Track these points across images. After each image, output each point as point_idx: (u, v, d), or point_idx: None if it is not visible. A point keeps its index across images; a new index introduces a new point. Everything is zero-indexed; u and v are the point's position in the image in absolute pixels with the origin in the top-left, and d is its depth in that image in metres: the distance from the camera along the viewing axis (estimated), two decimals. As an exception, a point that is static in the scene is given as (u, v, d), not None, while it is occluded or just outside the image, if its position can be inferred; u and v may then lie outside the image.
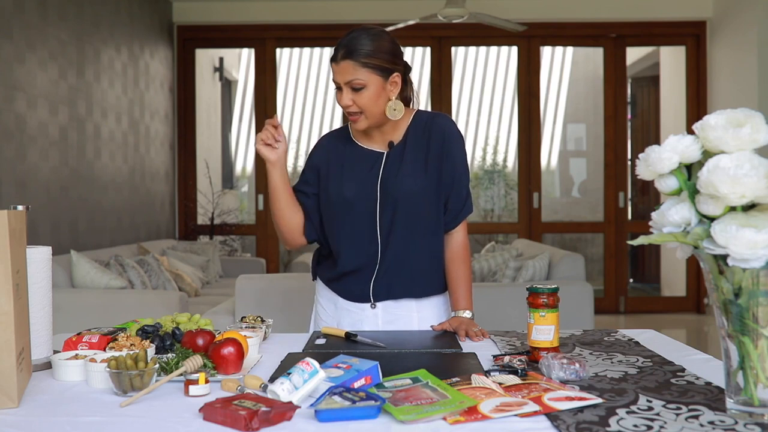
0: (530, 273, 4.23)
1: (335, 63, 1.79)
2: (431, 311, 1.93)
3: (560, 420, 1.07)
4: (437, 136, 1.88)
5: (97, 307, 3.76)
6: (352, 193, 1.86)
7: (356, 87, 1.77)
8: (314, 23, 6.72)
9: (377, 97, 1.79)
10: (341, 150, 1.93)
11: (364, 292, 1.90)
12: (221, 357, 1.33)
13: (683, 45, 6.84)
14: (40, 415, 1.15)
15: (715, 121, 1.03)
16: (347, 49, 1.77)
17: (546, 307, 1.47)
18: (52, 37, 4.41)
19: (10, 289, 1.19)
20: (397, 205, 1.85)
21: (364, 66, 1.76)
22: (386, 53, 1.79)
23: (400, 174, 1.85)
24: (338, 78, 1.79)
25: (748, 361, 1.03)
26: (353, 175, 1.88)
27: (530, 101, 6.86)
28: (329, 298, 1.98)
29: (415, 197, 1.85)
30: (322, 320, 2.01)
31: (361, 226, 1.87)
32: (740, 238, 0.97)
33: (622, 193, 6.83)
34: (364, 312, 1.91)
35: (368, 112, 1.80)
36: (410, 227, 1.86)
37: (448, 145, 1.88)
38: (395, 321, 1.90)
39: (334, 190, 1.89)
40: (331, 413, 1.08)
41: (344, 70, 1.77)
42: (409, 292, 1.90)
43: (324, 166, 1.93)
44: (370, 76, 1.77)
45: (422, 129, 1.90)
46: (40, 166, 4.24)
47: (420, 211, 1.86)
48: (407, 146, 1.89)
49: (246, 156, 10.19)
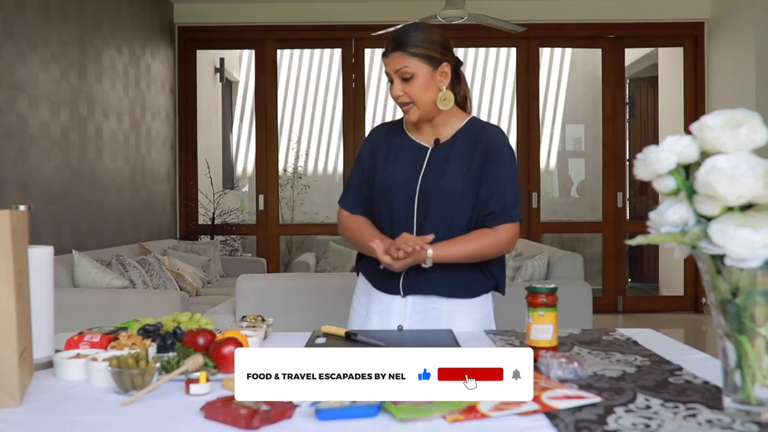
0: (529, 272, 4.23)
1: (385, 57, 1.86)
2: (461, 308, 1.91)
3: (559, 419, 1.08)
4: (485, 144, 1.89)
5: (99, 307, 3.77)
6: (393, 181, 1.90)
7: (405, 76, 1.83)
8: (315, 24, 6.72)
9: (427, 87, 1.84)
10: (392, 138, 1.99)
11: (395, 282, 1.91)
12: (222, 356, 1.33)
13: (681, 46, 6.84)
14: (42, 413, 1.16)
15: (712, 121, 1.03)
16: (396, 42, 1.84)
17: (545, 306, 1.48)
18: (53, 37, 4.41)
19: (12, 289, 1.19)
20: (432, 200, 1.87)
21: (412, 56, 1.83)
22: (434, 43, 1.85)
23: (442, 172, 1.88)
24: (388, 68, 1.86)
25: (746, 360, 1.03)
26: (397, 164, 1.93)
27: (529, 102, 6.86)
28: (364, 287, 2.02)
29: (451, 196, 1.86)
30: (355, 311, 2.04)
31: (399, 215, 1.90)
32: (738, 238, 0.97)
33: (620, 193, 6.83)
34: (394, 302, 1.92)
35: (418, 101, 1.85)
36: (444, 225, 1.86)
37: (494, 154, 1.87)
38: (423, 312, 1.90)
39: (379, 176, 1.94)
40: (331, 412, 1.09)
41: (393, 60, 1.84)
42: (439, 290, 1.89)
43: (374, 154, 1.99)
44: (418, 65, 1.83)
45: (474, 135, 1.91)
46: (41, 166, 4.24)
47: (454, 211, 1.87)
48: (455, 147, 1.91)
49: (246, 156, 10.20)
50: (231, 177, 9.78)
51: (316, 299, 3.60)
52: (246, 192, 10.12)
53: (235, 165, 10.12)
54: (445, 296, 1.90)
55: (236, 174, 10.07)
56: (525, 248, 5.03)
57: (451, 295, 1.90)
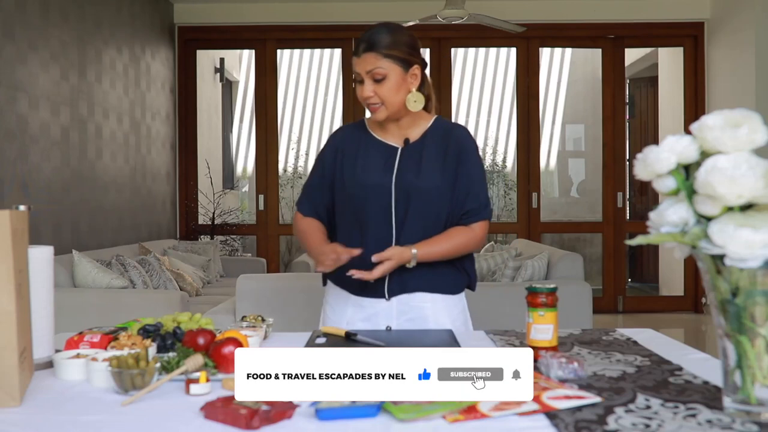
0: (529, 273, 4.23)
1: (357, 57, 1.85)
2: (443, 304, 1.94)
3: (559, 419, 1.08)
4: (455, 145, 1.92)
5: (99, 307, 3.77)
6: (368, 180, 1.90)
7: (377, 77, 1.83)
8: (314, 24, 6.72)
9: (398, 88, 1.85)
10: (357, 139, 1.97)
11: (379, 286, 1.90)
12: (222, 356, 1.33)
13: (681, 46, 6.84)
14: (42, 413, 1.15)
15: (712, 121, 1.03)
16: (369, 42, 1.83)
17: (545, 306, 1.48)
18: (53, 37, 4.41)
19: (12, 289, 1.19)
20: (411, 199, 1.88)
21: (385, 57, 1.83)
22: (406, 45, 1.86)
23: (417, 171, 1.89)
24: (360, 69, 1.84)
25: (746, 360, 1.03)
26: (368, 164, 1.92)
27: (529, 102, 6.86)
28: (338, 295, 1.99)
29: (430, 194, 1.88)
30: (330, 320, 2.01)
31: (376, 216, 1.89)
32: (738, 238, 0.97)
33: (620, 193, 6.83)
34: (379, 305, 1.92)
35: (389, 102, 1.85)
36: (424, 222, 1.88)
37: (465, 155, 1.92)
38: (409, 312, 1.92)
39: (348, 176, 1.92)
40: (332, 412, 1.09)
41: (366, 61, 1.83)
42: (424, 286, 1.91)
43: (340, 154, 1.97)
44: (391, 66, 1.83)
45: (442, 135, 1.94)
46: (42, 166, 4.24)
47: (434, 208, 1.89)
48: (425, 146, 1.92)
49: (246, 156, 10.20)
50: (231, 177, 9.79)
51: (316, 299, 3.59)
52: (246, 192, 10.12)
53: (235, 165, 10.12)
54: (430, 292, 1.92)
55: (236, 174, 10.08)
56: (525, 248, 5.03)
57: (436, 290, 1.93)
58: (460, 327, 1.96)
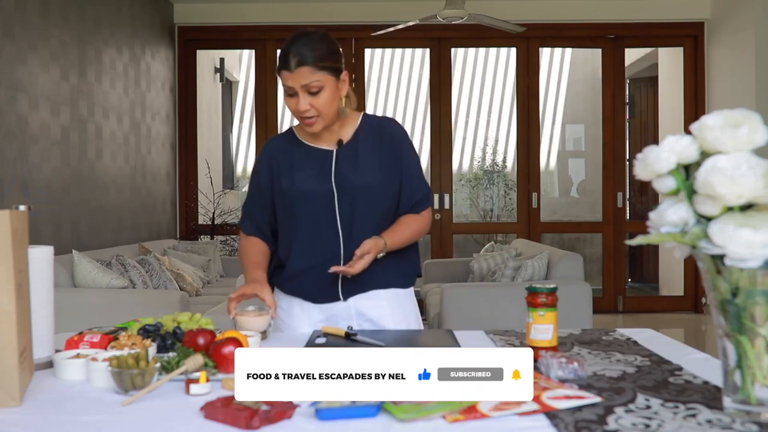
0: (529, 273, 4.24)
1: (288, 71, 1.78)
2: (399, 300, 1.96)
3: (559, 419, 1.08)
4: (388, 139, 1.94)
5: (99, 307, 3.77)
6: (307, 187, 1.88)
7: (313, 90, 1.79)
8: (314, 24, 6.69)
9: (333, 98, 1.83)
10: (288, 150, 1.95)
11: (333, 289, 1.90)
12: (222, 356, 1.33)
13: (681, 46, 6.84)
14: (42, 413, 1.16)
15: (712, 121, 1.03)
16: (301, 56, 1.77)
17: (545, 306, 1.48)
18: (53, 37, 4.41)
19: (12, 289, 1.19)
20: (356, 198, 1.88)
21: (320, 69, 1.78)
22: (334, 53, 1.83)
23: (356, 169, 1.89)
24: (293, 83, 1.79)
25: (746, 360, 1.03)
26: (305, 172, 1.91)
27: (529, 102, 6.86)
28: (290, 302, 1.96)
29: (373, 191, 1.88)
30: (287, 324, 1.97)
31: (320, 221, 1.88)
32: (738, 238, 0.97)
33: (620, 193, 6.83)
34: (336, 307, 1.92)
35: (324, 113, 1.83)
36: (370, 220, 1.88)
37: (401, 148, 1.94)
38: (368, 311, 1.92)
39: (287, 185, 1.90)
40: (332, 412, 1.09)
41: (300, 75, 1.78)
42: (379, 283, 1.92)
43: (275, 164, 1.95)
44: (325, 78, 1.80)
45: (373, 131, 1.95)
46: (41, 166, 4.24)
47: (379, 204, 1.90)
48: (360, 144, 1.93)
49: (246, 156, 10.20)
50: (231, 177, 9.79)
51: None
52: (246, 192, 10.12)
53: (235, 165, 10.12)
54: (385, 288, 1.93)
55: (236, 174, 10.07)
56: (525, 248, 5.03)
57: (391, 285, 1.94)
58: (413, 323, 1.98)
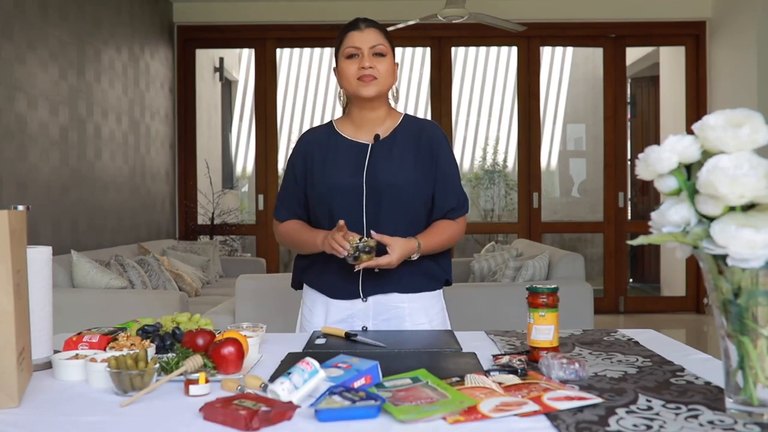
0: (530, 273, 4.23)
1: (359, 30, 1.91)
2: (421, 303, 1.94)
3: (560, 420, 1.07)
4: (426, 140, 1.94)
5: (98, 307, 3.77)
6: (338, 180, 1.88)
7: (378, 52, 1.89)
8: (314, 24, 6.71)
9: (391, 71, 1.92)
10: (325, 141, 1.97)
11: (354, 287, 1.90)
12: (221, 357, 1.33)
13: (683, 45, 6.84)
14: (41, 414, 1.15)
15: (714, 121, 1.03)
16: (370, 21, 1.92)
17: (546, 306, 1.47)
18: (52, 37, 4.41)
19: (11, 289, 1.19)
20: (383, 195, 1.86)
21: (385, 38, 1.91)
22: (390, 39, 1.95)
23: (390, 166, 1.88)
24: (361, 43, 1.89)
25: (748, 360, 1.03)
26: (338, 164, 1.91)
27: (530, 101, 6.86)
28: (315, 299, 1.97)
29: (402, 189, 1.87)
30: (309, 322, 1.98)
31: (347, 216, 1.86)
32: (739, 238, 0.97)
33: (621, 193, 6.83)
34: (354, 306, 1.92)
35: (382, 79, 1.89)
36: (397, 219, 1.87)
37: (439, 151, 1.94)
38: (386, 312, 1.91)
39: (319, 178, 1.91)
40: (331, 413, 1.08)
41: (369, 34, 1.90)
42: (400, 287, 1.91)
43: (309, 156, 1.96)
44: (388, 49, 1.92)
45: (412, 131, 1.95)
46: (40, 166, 4.24)
47: (407, 204, 1.88)
48: (396, 142, 1.93)
49: (246, 156, 10.20)
50: (230, 177, 9.78)
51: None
52: (245, 192, 10.11)
53: (234, 165, 10.12)
54: (405, 292, 1.92)
55: (236, 174, 10.07)
56: (526, 248, 5.03)
57: (412, 290, 1.92)
58: (437, 326, 1.96)
